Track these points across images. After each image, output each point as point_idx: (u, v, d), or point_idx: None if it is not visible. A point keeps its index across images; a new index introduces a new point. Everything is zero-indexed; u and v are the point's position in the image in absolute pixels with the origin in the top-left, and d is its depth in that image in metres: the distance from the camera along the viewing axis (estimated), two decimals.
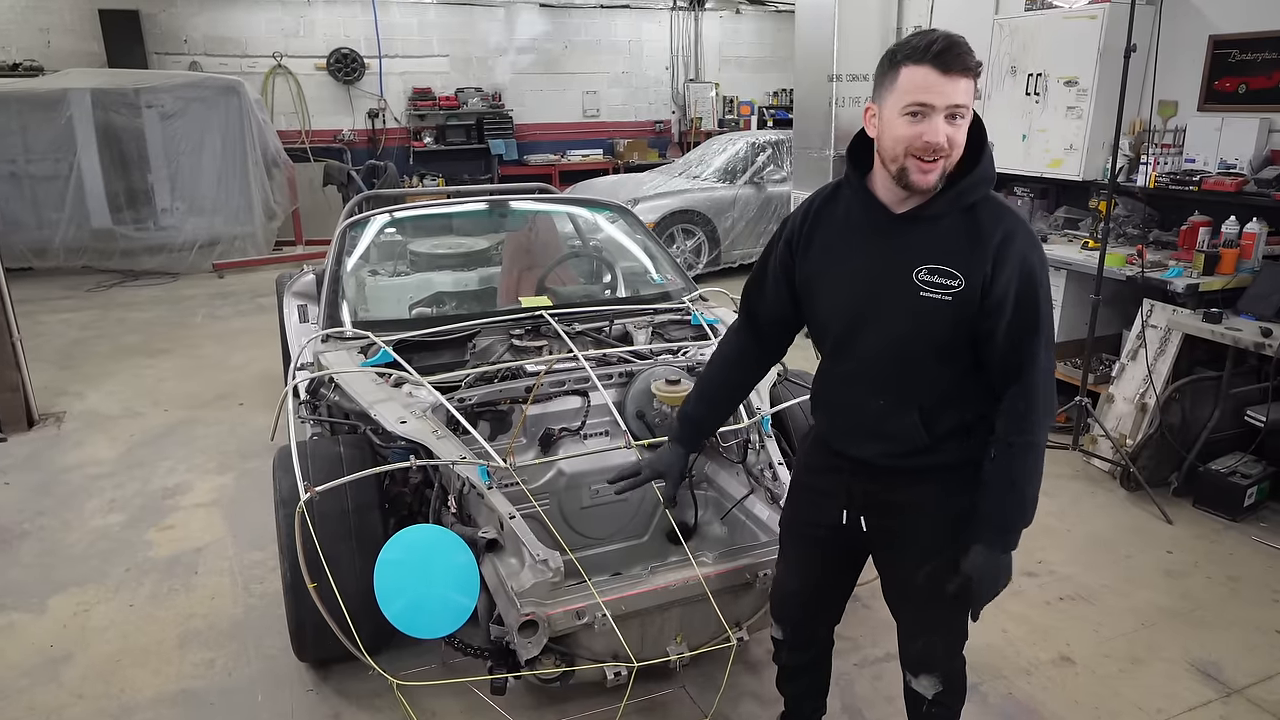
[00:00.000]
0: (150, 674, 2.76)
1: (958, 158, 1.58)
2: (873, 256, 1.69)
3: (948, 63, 1.51)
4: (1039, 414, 1.66)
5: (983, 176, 1.63)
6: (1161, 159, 4.64)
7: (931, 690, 1.99)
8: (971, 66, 1.53)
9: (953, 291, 1.61)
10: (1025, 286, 1.60)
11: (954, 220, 1.63)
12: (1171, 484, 3.97)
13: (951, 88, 1.52)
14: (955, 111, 1.54)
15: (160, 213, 8.55)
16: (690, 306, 3.37)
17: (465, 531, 2.28)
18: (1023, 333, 1.62)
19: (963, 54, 1.52)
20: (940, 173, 1.57)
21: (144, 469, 4.25)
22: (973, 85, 1.54)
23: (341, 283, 3.42)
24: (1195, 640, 2.92)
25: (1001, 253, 1.59)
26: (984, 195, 1.64)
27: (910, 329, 1.67)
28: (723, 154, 8.53)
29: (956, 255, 1.61)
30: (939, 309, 1.62)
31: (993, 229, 1.60)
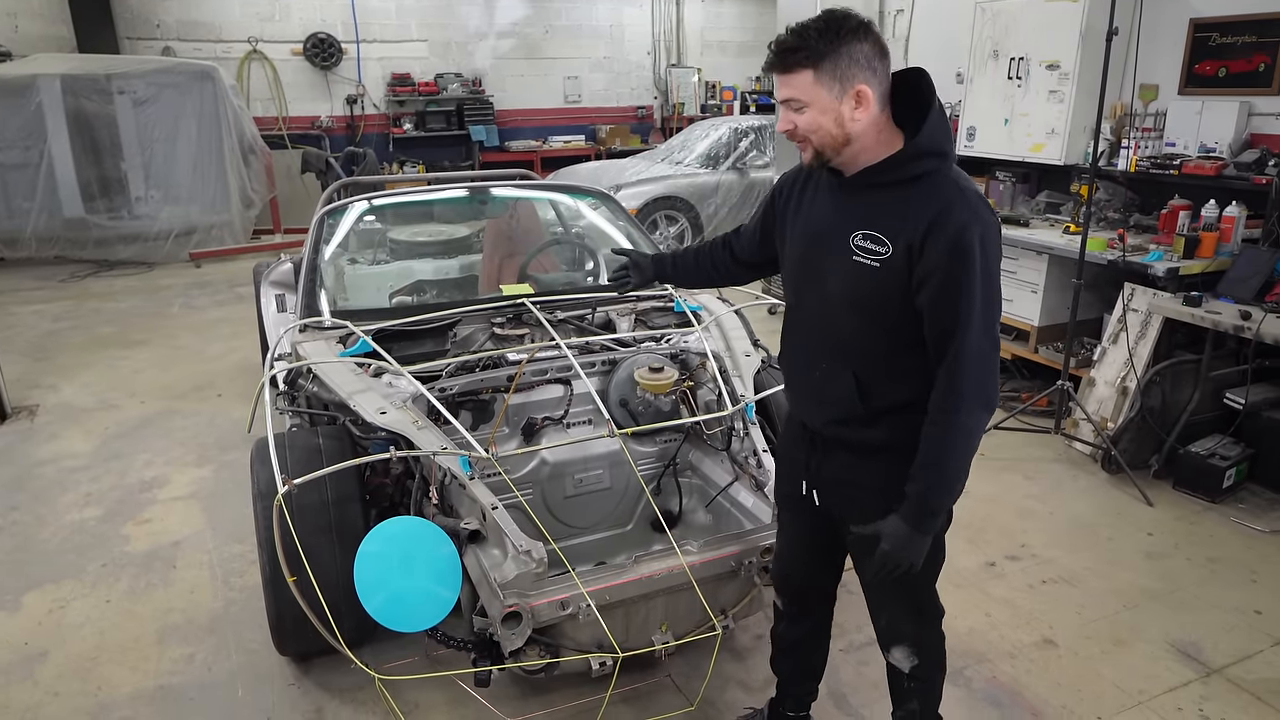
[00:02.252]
0: (128, 670, 2.72)
1: (822, 140, 1.66)
2: (825, 217, 1.78)
3: (771, 63, 1.67)
4: (964, 394, 1.65)
5: (921, 149, 1.64)
6: (1142, 143, 4.65)
7: (908, 663, 2.02)
8: (791, 64, 1.62)
9: (879, 258, 1.66)
10: (956, 263, 1.60)
11: (896, 191, 1.66)
12: (1152, 466, 4.00)
13: (782, 83, 1.66)
14: (788, 104, 1.67)
15: (134, 201, 8.40)
16: (673, 293, 3.34)
17: (447, 523, 2.26)
18: (951, 310, 1.62)
19: (782, 53, 1.63)
20: (812, 153, 1.70)
21: (120, 462, 4.18)
22: (808, 75, 1.61)
23: (319, 271, 3.36)
24: (1175, 621, 2.95)
25: (934, 227, 1.60)
26: (934, 169, 1.65)
27: (841, 291, 1.74)
28: (705, 139, 8.49)
29: (889, 223, 1.65)
30: (867, 274, 1.68)
31: (930, 202, 1.62)
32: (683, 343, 3.01)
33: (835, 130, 1.64)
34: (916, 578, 1.84)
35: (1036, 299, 4.86)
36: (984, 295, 1.62)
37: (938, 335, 1.66)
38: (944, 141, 1.66)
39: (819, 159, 1.71)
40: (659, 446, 2.90)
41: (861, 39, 1.61)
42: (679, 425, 2.82)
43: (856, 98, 1.61)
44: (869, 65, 1.61)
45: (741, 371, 2.82)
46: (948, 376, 1.65)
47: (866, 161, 1.68)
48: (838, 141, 1.65)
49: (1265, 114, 4.27)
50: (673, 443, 2.90)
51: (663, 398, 2.74)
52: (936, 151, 1.65)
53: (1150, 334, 4.13)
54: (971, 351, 1.63)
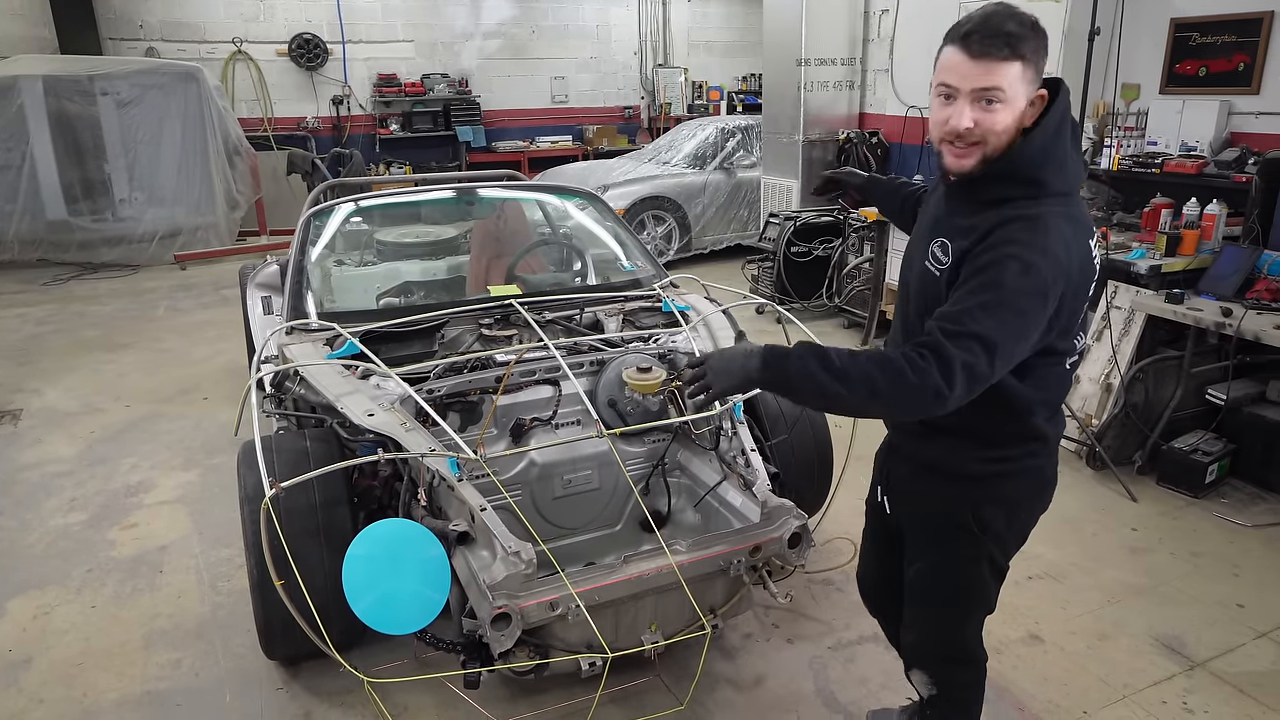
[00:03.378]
0: (114, 676, 2.70)
1: (1000, 145, 1.49)
2: (927, 216, 1.74)
3: (972, 45, 1.46)
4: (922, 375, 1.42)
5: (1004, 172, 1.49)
6: (1125, 142, 4.70)
7: (925, 690, 1.98)
8: (1004, 51, 1.43)
9: (941, 268, 1.60)
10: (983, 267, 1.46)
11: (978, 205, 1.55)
12: (1136, 462, 4.03)
13: (978, 71, 1.45)
14: (984, 95, 1.47)
15: (118, 203, 8.34)
16: (661, 293, 3.35)
17: (435, 524, 2.25)
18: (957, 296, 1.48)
19: (993, 36, 1.43)
20: (978, 158, 1.51)
21: (105, 466, 4.15)
22: (1017, 67, 1.44)
23: (306, 273, 3.35)
24: (1159, 616, 2.98)
25: (987, 236, 1.50)
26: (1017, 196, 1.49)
27: (915, 293, 1.69)
28: (692, 139, 8.51)
29: (957, 235, 1.58)
30: (931, 282, 1.62)
31: (989, 220, 1.51)
32: (670, 343, 3.02)
33: (1014, 133, 1.50)
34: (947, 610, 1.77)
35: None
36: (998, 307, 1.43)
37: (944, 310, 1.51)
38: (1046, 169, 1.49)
39: (981, 166, 1.52)
40: (647, 446, 2.90)
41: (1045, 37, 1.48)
42: (667, 425, 2.82)
43: (1036, 100, 1.50)
44: (1043, 72, 1.50)
45: None
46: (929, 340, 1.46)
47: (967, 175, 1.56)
48: (1000, 144, 1.50)
49: (1245, 113, 4.32)
50: (661, 443, 2.90)
51: (651, 398, 2.74)
52: (1028, 179, 1.49)
53: (1133, 331, 4.16)
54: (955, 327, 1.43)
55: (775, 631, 2.89)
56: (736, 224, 8.27)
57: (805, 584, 3.09)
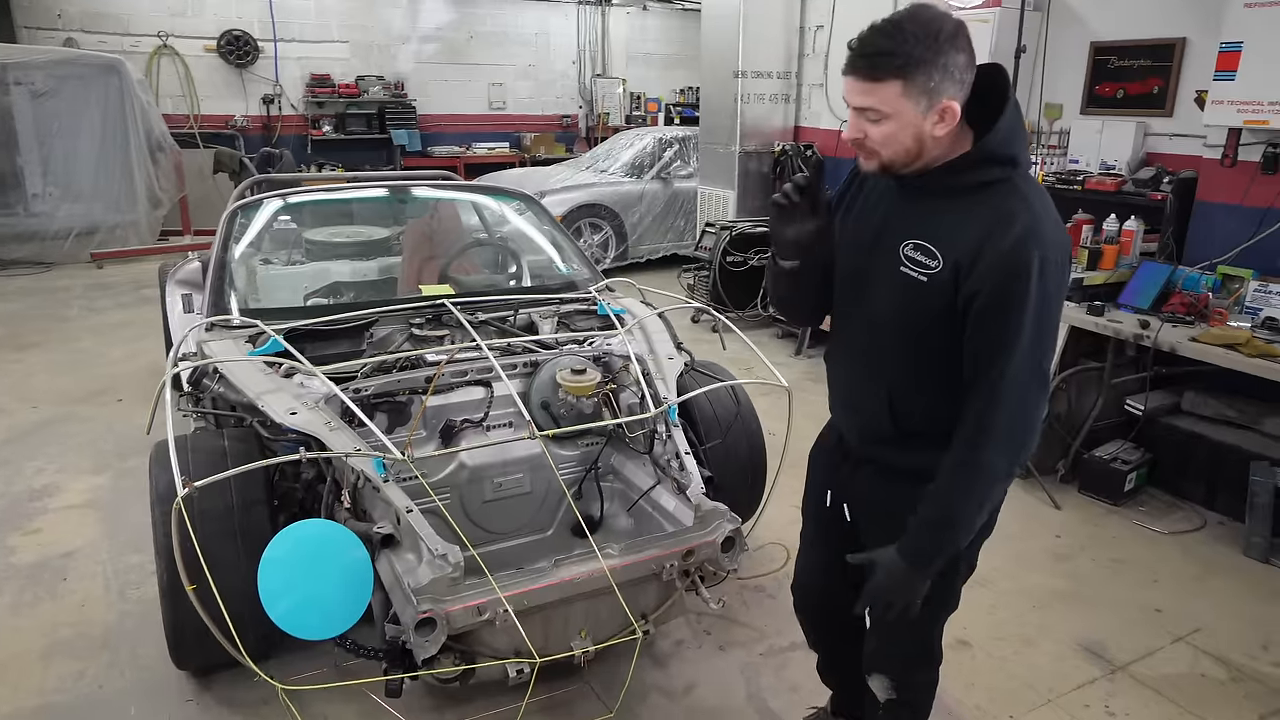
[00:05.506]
0: (7, 689, 2.54)
1: (894, 153, 1.51)
2: (880, 222, 1.64)
3: (852, 66, 1.49)
4: (993, 431, 1.49)
5: (986, 154, 1.49)
6: (1048, 159, 4.85)
7: (884, 694, 1.94)
8: (880, 72, 1.44)
9: (928, 273, 1.52)
10: (1006, 284, 1.44)
11: (961, 199, 1.52)
12: (1059, 471, 4.12)
13: (860, 90, 1.47)
14: (864, 113, 1.49)
15: (31, 198, 7.93)
16: (596, 296, 3.32)
17: (360, 527, 2.17)
18: (993, 335, 1.47)
19: (865, 57, 1.45)
20: (878, 164, 1.54)
21: (8, 469, 3.93)
22: (896, 86, 1.43)
23: (228, 268, 3.22)
24: (1082, 620, 3.03)
25: (988, 242, 1.45)
26: (1000, 178, 1.50)
27: (885, 302, 1.61)
28: (630, 149, 8.53)
29: (943, 235, 1.52)
30: (912, 288, 1.54)
31: (989, 214, 1.47)
32: (606, 345, 2.99)
33: (911, 145, 1.49)
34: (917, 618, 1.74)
35: None
36: (1035, 326, 1.45)
37: (975, 361, 1.51)
38: (1016, 146, 1.50)
39: (885, 170, 1.55)
40: (581, 450, 2.86)
41: (960, 48, 1.43)
42: (601, 427, 2.79)
43: (942, 113, 1.45)
44: (960, 78, 1.44)
45: (664, 374, 2.81)
46: (978, 408, 1.50)
47: (928, 164, 1.53)
48: (910, 156, 1.51)
49: (1160, 134, 4.51)
50: (595, 446, 2.86)
51: (585, 400, 2.70)
52: (1005, 158, 1.50)
53: (1057, 342, 4.28)
54: (1009, 385, 1.47)
55: (707, 639, 2.87)
56: (673, 234, 8.31)
57: (738, 590, 3.08)
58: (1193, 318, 3.82)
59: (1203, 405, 3.96)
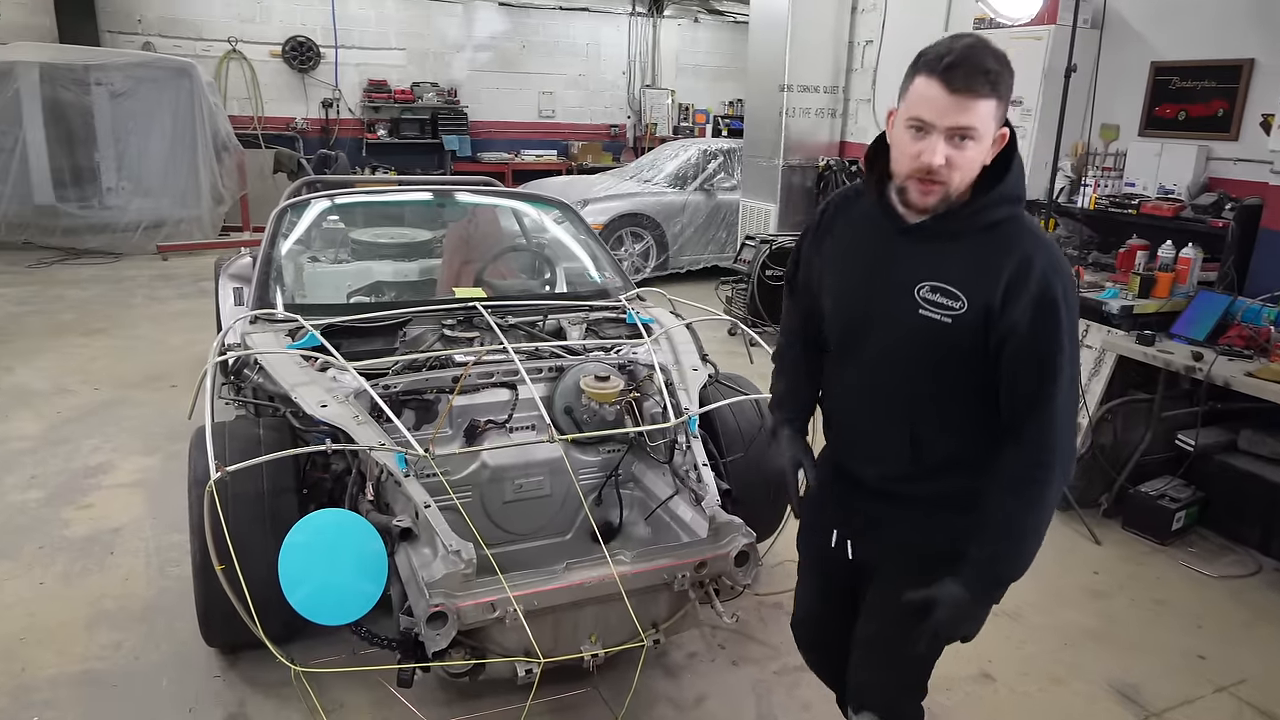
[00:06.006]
0: (54, 654, 2.67)
1: (964, 182, 1.48)
2: (881, 264, 1.60)
3: (954, 80, 1.40)
4: (1053, 458, 1.52)
5: (1004, 195, 1.50)
6: (1102, 181, 4.72)
7: None
8: (985, 89, 1.40)
9: (952, 314, 1.50)
10: (1043, 319, 1.47)
11: (970, 239, 1.51)
12: (1101, 505, 3.98)
13: (957, 107, 1.41)
14: (959, 132, 1.43)
15: (105, 192, 8.33)
16: (626, 305, 3.35)
17: (380, 519, 2.24)
18: (1039, 369, 1.48)
19: (975, 72, 1.39)
20: (941, 196, 1.48)
21: (68, 446, 4.12)
22: (993, 105, 1.42)
23: (274, 264, 3.34)
24: (1116, 662, 2.90)
25: (1016, 281, 1.46)
26: (1008, 215, 1.51)
27: (906, 345, 1.58)
28: (674, 159, 8.56)
29: (963, 276, 1.50)
30: (936, 330, 1.52)
31: (1009, 253, 1.48)
32: (632, 353, 3.01)
33: (970, 169, 1.47)
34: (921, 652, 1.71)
35: None
36: (1070, 353, 1.50)
37: (1021, 396, 1.51)
38: (1023, 185, 1.54)
39: (944, 202, 1.50)
40: (602, 456, 2.89)
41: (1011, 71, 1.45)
42: (620, 434, 2.81)
43: (1002, 137, 1.48)
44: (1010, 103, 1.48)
45: (688, 385, 2.82)
46: (1036, 440, 1.51)
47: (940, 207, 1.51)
48: (962, 180, 1.47)
49: (1223, 159, 4.36)
50: (616, 453, 2.89)
51: (607, 407, 2.73)
52: (1017, 197, 1.52)
53: (1103, 371, 4.14)
54: (1059, 414, 1.50)
55: (720, 652, 2.85)
56: (714, 245, 8.31)
57: (755, 606, 3.05)
58: (1251, 351, 3.64)
59: (1261, 444, 3.76)
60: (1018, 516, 1.56)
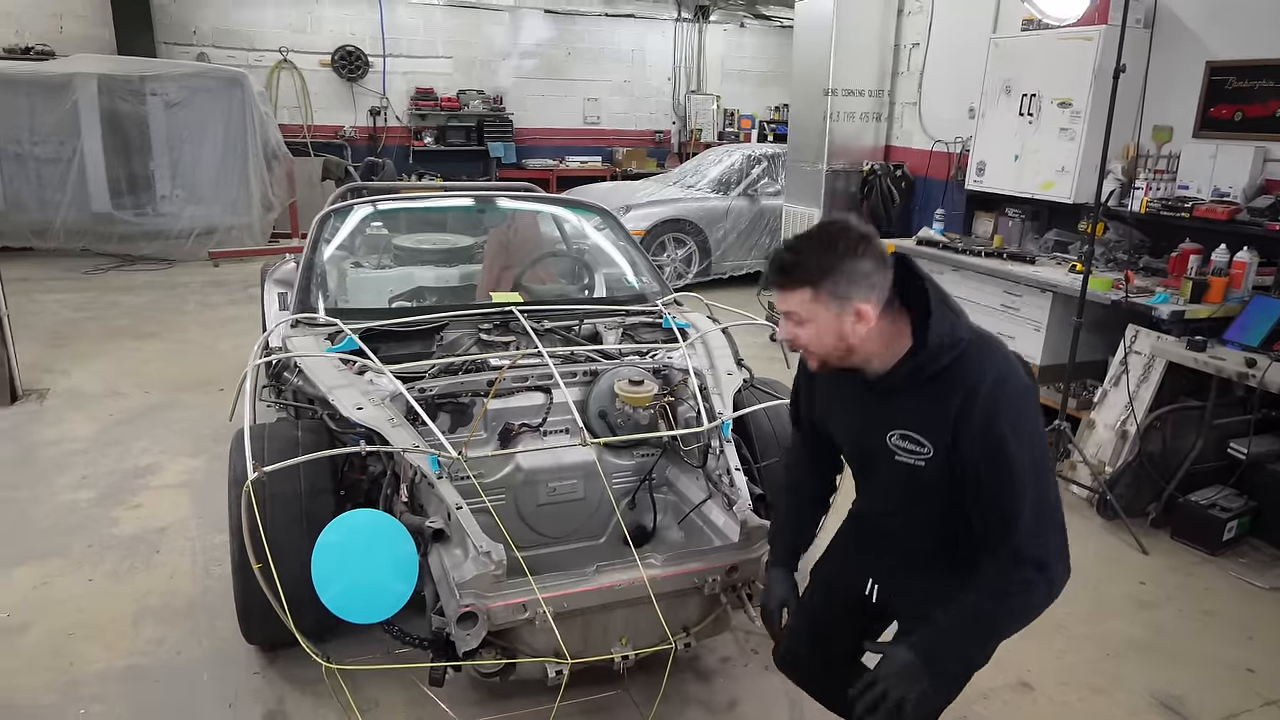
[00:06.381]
0: (101, 648, 2.75)
1: (825, 351, 1.63)
2: (860, 413, 1.74)
3: (769, 279, 1.65)
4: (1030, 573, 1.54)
5: (933, 352, 1.58)
6: (1155, 184, 4.60)
7: None
8: (787, 281, 1.59)
9: (923, 458, 1.62)
10: (991, 455, 1.53)
11: (922, 388, 1.60)
12: (1150, 514, 3.90)
13: (780, 298, 1.63)
14: (787, 316, 1.62)
15: (160, 199, 8.58)
16: (662, 310, 3.35)
17: (413, 521, 2.27)
18: (998, 499, 1.55)
19: (775, 270, 1.61)
20: (817, 362, 1.67)
21: (119, 448, 4.25)
22: (805, 294, 1.57)
23: (315, 269, 3.41)
24: (1161, 673, 2.85)
25: (960, 422, 1.55)
26: (950, 360, 1.57)
27: (895, 482, 1.70)
28: (718, 165, 8.53)
29: (922, 423, 1.61)
30: (915, 471, 1.64)
31: (954, 393, 1.56)
32: (667, 358, 3.01)
33: (837, 344, 1.60)
34: None
35: (1039, 337, 4.80)
36: (1033, 478, 1.53)
37: (988, 523, 1.58)
38: (956, 330, 1.58)
39: (825, 367, 1.68)
40: (635, 460, 2.89)
41: (860, 255, 1.54)
42: (653, 438, 2.81)
43: (856, 315, 1.56)
44: (868, 282, 1.55)
45: (722, 390, 2.81)
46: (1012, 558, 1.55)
47: (880, 366, 1.63)
48: (840, 352, 1.62)
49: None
50: (649, 457, 2.89)
51: (641, 411, 2.73)
52: (949, 345, 1.57)
53: (1153, 377, 4.05)
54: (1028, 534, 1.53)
55: (754, 657, 2.83)
56: (758, 251, 8.25)
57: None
58: None
59: None
60: (987, 614, 1.60)
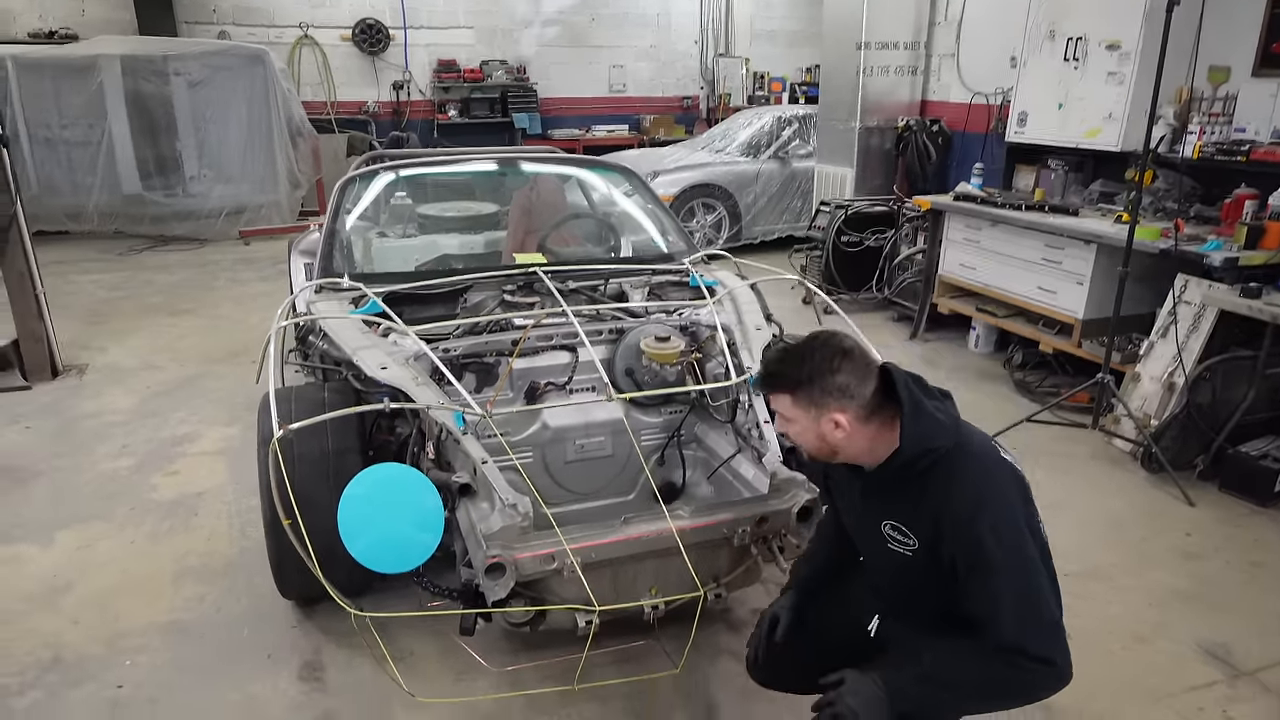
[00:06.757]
0: (144, 605, 2.82)
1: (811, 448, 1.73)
2: (856, 500, 1.84)
3: (760, 383, 1.79)
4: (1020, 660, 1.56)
5: (914, 453, 1.63)
6: (1209, 128, 4.40)
7: None
8: (772, 388, 1.71)
9: (910, 548, 1.70)
10: (970, 554, 1.58)
11: (909, 484, 1.67)
12: (1197, 466, 3.81)
13: (771, 400, 1.76)
14: (778, 414, 1.75)
15: (189, 180, 8.66)
16: (689, 268, 3.29)
17: (440, 476, 2.26)
18: (978, 596, 1.59)
19: (764, 376, 1.74)
20: (807, 456, 1.83)
21: (157, 418, 4.33)
22: (786, 399, 1.68)
23: (338, 236, 3.40)
24: (1206, 623, 2.80)
25: (940, 524, 1.62)
26: (932, 462, 1.63)
27: (889, 567, 1.77)
28: (748, 128, 8.37)
29: (908, 517, 1.69)
30: (904, 560, 1.71)
31: (932, 495, 1.63)
32: (694, 315, 2.96)
33: (819, 444, 1.71)
34: None
35: (1082, 290, 4.66)
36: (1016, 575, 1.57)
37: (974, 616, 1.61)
38: (933, 438, 1.64)
39: (815, 460, 1.81)
40: (664, 418, 2.85)
41: (835, 371, 1.63)
42: (683, 395, 2.77)
43: (834, 423, 1.65)
44: (844, 394, 1.64)
45: (750, 344, 2.76)
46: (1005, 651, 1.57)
47: (869, 463, 1.71)
48: (825, 451, 1.72)
49: None
50: (678, 414, 2.85)
51: (668, 367, 2.70)
52: (926, 452, 1.64)
53: (1203, 327, 3.92)
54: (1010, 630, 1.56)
55: None
56: (789, 215, 8.11)
57: None
58: None
59: None
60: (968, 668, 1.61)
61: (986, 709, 1.74)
